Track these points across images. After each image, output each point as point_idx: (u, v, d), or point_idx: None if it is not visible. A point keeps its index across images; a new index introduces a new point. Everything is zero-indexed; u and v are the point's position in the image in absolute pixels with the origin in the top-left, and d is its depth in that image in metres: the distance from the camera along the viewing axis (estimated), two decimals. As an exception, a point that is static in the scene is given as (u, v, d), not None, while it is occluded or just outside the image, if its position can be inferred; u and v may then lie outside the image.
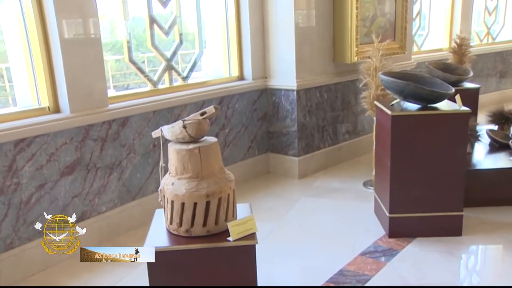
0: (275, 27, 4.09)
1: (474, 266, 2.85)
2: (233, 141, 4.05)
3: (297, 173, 4.22)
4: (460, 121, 2.85)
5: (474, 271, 2.79)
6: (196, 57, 3.88)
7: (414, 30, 6.31)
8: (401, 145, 2.88)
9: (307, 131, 4.23)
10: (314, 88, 4.22)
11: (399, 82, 2.85)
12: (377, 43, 3.75)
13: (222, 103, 3.90)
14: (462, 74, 4.18)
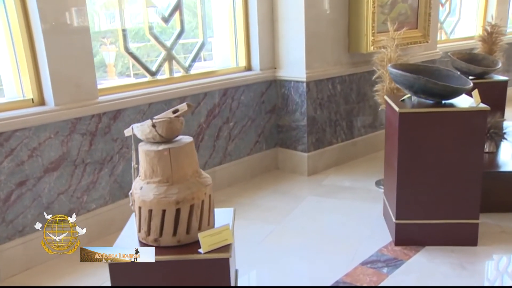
0: (284, 15, 3.85)
1: (489, 283, 2.57)
2: (239, 135, 3.86)
3: (306, 169, 3.99)
4: (477, 120, 2.55)
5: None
6: (199, 47, 3.68)
7: (443, 16, 5.92)
8: (410, 144, 2.61)
9: (317, 126, 3.99)
10: (326, 80, 3.96)
11: (408, 76, 2.57)
12: (392, 31, 3.45)
13: (226, 95, 3.70)
14: (490, 65, 3.83)
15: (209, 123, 3.62)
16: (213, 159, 3.69)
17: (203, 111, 3.56)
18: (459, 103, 2.65)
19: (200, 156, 3.58)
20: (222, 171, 3.77)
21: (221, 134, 3.72)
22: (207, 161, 3.65)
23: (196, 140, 3.54)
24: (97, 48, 3.83)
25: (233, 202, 3.51)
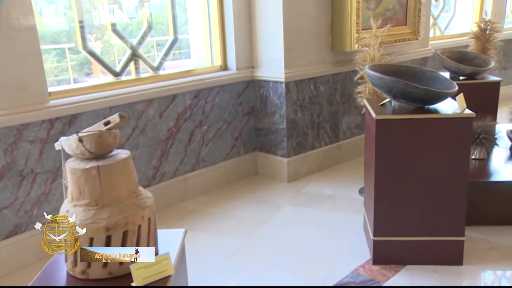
0: (262, 10, 3.59)
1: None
2: (213, 140, 3.61)
3: (286, 175, 3.75)
4: (462, 127, 2.30)
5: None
6: (169, 45, 3.43)
7: (437, 12, 5.65)
8: (388, 154, 2.37)
9: (298, 129, 3.74)
10: (308, 80, 3.71)
11: (386, 79, 2.32)
12: (375, 28, 3.19)
13: (198, 97, 3.45)
14: (481, 64, 3.57)
15: (180, 127, 3.37)
16: (185, 166, 3.45)
17: (173, 114, 3.31)
18: (443, 108, 2.40)
19: (170, 162, 3.34)
20: (194, 178, 3.52)
21: (194, 138, 3.47)
22: (177, 168, 3.41)
23: (165, 145, 3.29)
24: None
25: (203, 213, 3.27)
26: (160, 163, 3.29)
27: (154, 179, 3.28)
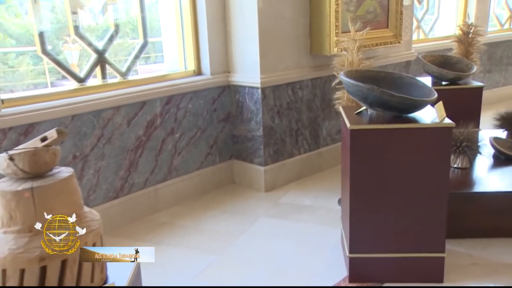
0: (237, 12, 3.44)
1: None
2: (186, 148, 3.44)
3: (263, 185, 3.59)
4: (441, 137, 2.17)
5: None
6: (139, 49, 3.25)
7: (421, 14, 5.55)
8: (364, 165, 2.22)
9: (275, 136, 3.59)
10: (285, 85, 3.56)
11: (361, 86, 2.18)
12: (354, 32, 3.05)
13: (170, 103, 3.28)
14: (464, 69, 3.45)
15: (150, 135, 3.20)
16: (156, 176, 3.28)
17: (142, 122, 3.14)
18: (422, 117, 2.26)
19: (139, 172, 3.17)
20: (166, 189, 3.35)
21: (165, 147, 3.30)
22: (148, 178, 3.24)
23: (134, 154, 3.12)
24: (59, 47, 3.46)
25: (175, 225, 3.10)
26: (129, 174, 3.12)
27: (123, 190, 3.10)
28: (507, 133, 3.48)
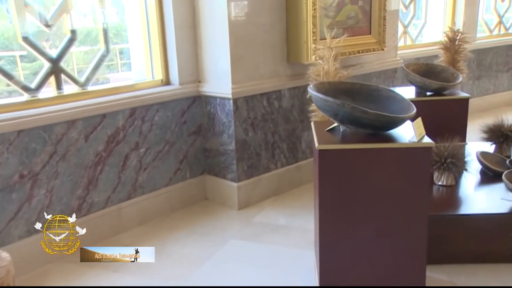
0: (206, 17, 3.21)
1: None
2: (153, 163, 3.20)
3: (236, 202, 3.36)
4: (419, 158, 1.95)
5: None
6: (100, 57, 3.02)
7: (408, 19, 5.35)
8: (334, 189, 2.00)
9: (250, 150, 3.36)
10: (260, 95, 3.34)
11: (330, 101, 1.95)
12: (330, 39, 2.83)
13: (133, 116, 3.05)
14: (449, 78, 3.25)
15: (111, 150, 2.96)
16: (118, 194, 3.03)
17: (102, 136, 2.90)
18: (399, 134, 2.04)
19: (99, 191, 2.92)
20: (130, 208, 3.11)
21: (128, 163, 3.06)
22: (109, 197, 2.99)
23: (93, 172, 2.88)
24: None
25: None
26: (87, 193, 2.88)
27: (80, 211, 2.86)
28: (495, 146, 3.29)
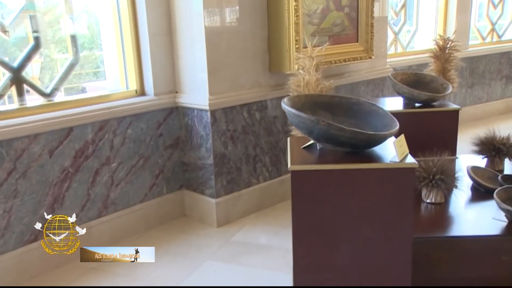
0: (182, 24, 3.05)
1: None
2: (126, 179, 3.02)
3: (215, 219, 3.17)
4: (401, 179, 1.78)
5: None
6: (68, 66, 2.84)
7: (399, 26, 5.21)
8: (309, 212, 1.83)
9: (229, 164, 3.18)
10: (239, 107, 3.17)
11: (303, 118, 1.78)
12: (311, 47, 2.67)
13: (104, 129, 2.87)
14: (438, 89, 3.08)
15: (79, 166, 2.78)
16: (88, 212, 2.85)
17: (69, 151, 2.72)
18: (381, 153, 1.87)
19: (66, 209, 2.74)
20: (101, 226, 2.92)
21: (99, 179, 2.88)
22: (78, 215, 2.79)
23: (59, 189, 2.70)
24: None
25: (104, 272, 2.67)
26: (52, 211, 2.68)
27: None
28: (487, 160, 3.11)
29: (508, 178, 2.76)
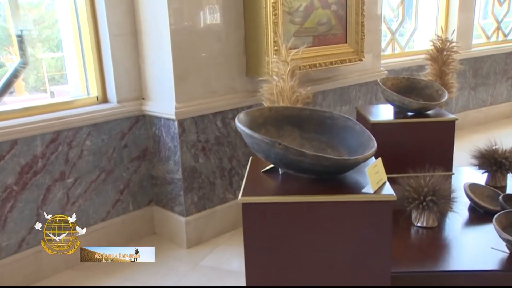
0: (147, 25, 2.74)
1: None
2: (84, 195, 2.73)
3: (185, 240, 2.87)
4: (376, 214, 1.46)
5: None
6: (14, 68, 2.55)
7: (396, 25, 4.87)
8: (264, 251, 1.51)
9: (201, 178, 2.87)
10: (212, 115, 2.86)
11: (257, 139, 1.46)
12: (285, 51, 2.35)
13: (57, 141, 2.57)
14: (433, 96, 2.75)
15: (26, 183, 2.48)
16: (37, 234, 2.55)
17: (12, 166, 2.42)
18: (355, 179, 1.56)
19: (10, 233, 2.45)
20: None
21: (51, 196, 2.58)
22: (24, 239, 2.51)
23: (1, 210, 2.40)
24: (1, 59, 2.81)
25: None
26: (-7, 235, 2.40)
27: (-16, 257, 2.38)
28: (488, 175, 2.79)
29: (509, 198, 2.43)
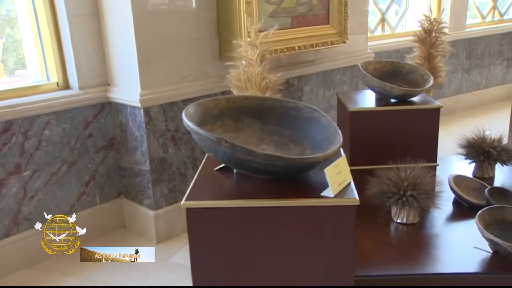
0: (113, 4, 2.53)
1: None
2: (44, 189, 2.55)
3: (154, 234, 2.71)
4: (335, 219, 1.29)
5: None
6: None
7: (386, 4, 4.64)
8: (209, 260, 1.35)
9: (171, 170, 2.70)
10: (182, 102, 2.67)
11: (202, 136, 1.28)
12: (254, 33, 2.15)
13: (10, 131, 2.38)
14: (418, 81, 2.56)
15: (-23, 177, 2.31)
16: (-9, 231, 2.40)
17: (-40, 160, 2.25)
18: (316, 179, 1.38)
19: (-37, 229, 2.28)
20: (12, 247, 2.47)
21: (5, 191, 2.41)
22: (-23, 236, 2.36)
23: (-50, 206, 2.24)
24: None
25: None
26: None
27: None
28: (475, 165, 2.62)
29: (496, 192, 2.27)
